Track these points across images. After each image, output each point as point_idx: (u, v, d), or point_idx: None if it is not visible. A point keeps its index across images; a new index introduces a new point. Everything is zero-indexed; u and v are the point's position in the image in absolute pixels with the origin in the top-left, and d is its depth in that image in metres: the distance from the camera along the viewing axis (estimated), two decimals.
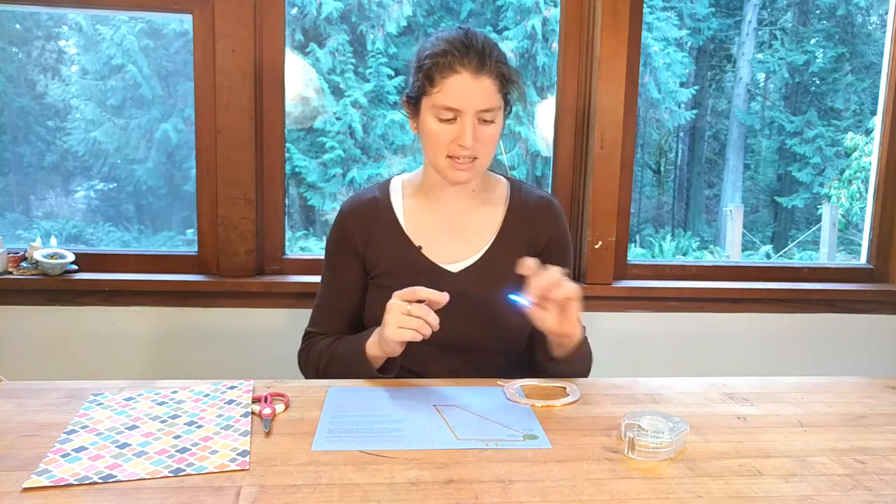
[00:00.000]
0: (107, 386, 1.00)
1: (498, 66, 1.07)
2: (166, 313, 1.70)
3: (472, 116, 1.06)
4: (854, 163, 8.34)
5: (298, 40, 7.25)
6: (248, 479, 0.74)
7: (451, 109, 1.06)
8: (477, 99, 1.05)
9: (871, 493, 0.75)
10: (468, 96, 1.05)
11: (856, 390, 1.08)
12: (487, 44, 1.07)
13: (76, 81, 7.17)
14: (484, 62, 1.05)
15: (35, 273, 1.64)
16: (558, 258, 1.21)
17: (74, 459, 0.77)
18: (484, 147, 1.10)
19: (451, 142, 1.08)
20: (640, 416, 0.86)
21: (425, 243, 1.18)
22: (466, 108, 1.06)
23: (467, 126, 1.06)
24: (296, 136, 7.30)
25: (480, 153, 1.10)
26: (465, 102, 1.05)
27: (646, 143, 9.89)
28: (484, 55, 1.05)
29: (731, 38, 10.00)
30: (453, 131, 1.07)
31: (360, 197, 1.23)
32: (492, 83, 1.06)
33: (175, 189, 7.41)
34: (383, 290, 1.16)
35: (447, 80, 1.05)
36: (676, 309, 1.84)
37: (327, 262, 1.23)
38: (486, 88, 1.06)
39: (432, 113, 1.08)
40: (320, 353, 1.17)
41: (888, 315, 1.91)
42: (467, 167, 1.10)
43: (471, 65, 1.04)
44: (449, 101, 1.06)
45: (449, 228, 1.19)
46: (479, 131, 1.07)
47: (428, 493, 0.72)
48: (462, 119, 1.06)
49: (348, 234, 1.20)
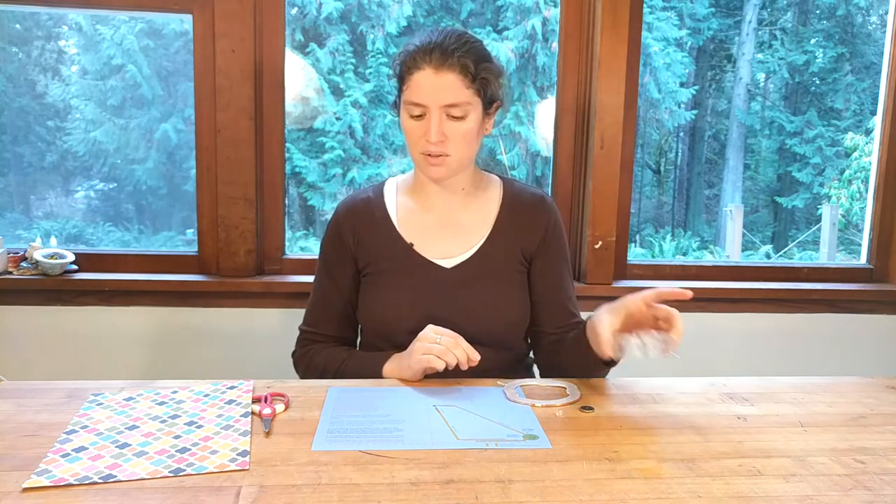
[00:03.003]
0: (107, 386, 1.00)
1: (462, 60, 1.06)
2: (166, 313, 1.70)
3: (437, 111, 1.07)
4: (854, 163, 8.34)
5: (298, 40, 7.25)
6: (248, 479, 0.74)
7: (417, 105, 1.08)
8: (440, 93, 1.06)
9: (871, 493, 0.75)
10: (431, 91, 1.07)
11: (856, 390, 1.08)
12: (455, 40, 1.07)
13: (76, 81, 7.17)
14: (446, 57, 1.06)
15: (35, 273, 1.64)
16: (555, 254, 1.21)
17: (74, 459, 0.77)
18: (455, 144, 1.10)
19: (421, 138, 1.09)
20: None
21: (417, 240, 1.18)
22: (430, 103, 1.07)
23: (433, 121, 1.07)
24: (296, 136, 7.29)
25: (451, 150, 1.10)
26: (429, 97, 1.07)
27: (646, 143, 9.89)
28: (446, 50, 1.06)
29: (731, 38, 10.00)
30: (422, 127, 1.09)
31: (355, 197, 1.24)
32: (455, 77, 1.06)
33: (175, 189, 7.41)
34: (376, 287, 1.17)
35: (412, 77, 1.08)
36: (676, 309, 1.83)
37: (321, 261, 1.24)
38: (449, 83, 1.06)
39: (406, 111, 1.11)
40: (325, 367, 1.18)
41: (888, 315, 1.90)
42: (438, 163, 1.11)
43: (433, 60, 1.06)
44: (414, 97, 1.08)
45: (441, 226, 1.19)
46: (447, 127, 1.08)
47: (428, 493, 0.72)
48: (429, 114, 1.08)
49: (341, 233, 1.21)
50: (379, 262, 1.18)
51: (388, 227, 1.19)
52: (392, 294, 1.16)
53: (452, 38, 1.08)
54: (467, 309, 1.13)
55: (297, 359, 1.25)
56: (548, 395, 1.02)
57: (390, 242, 1.18)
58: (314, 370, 1.19)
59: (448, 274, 1.16)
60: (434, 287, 1.15)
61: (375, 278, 1.18)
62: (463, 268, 1.16)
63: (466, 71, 1.07)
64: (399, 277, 1.16)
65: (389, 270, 1.17)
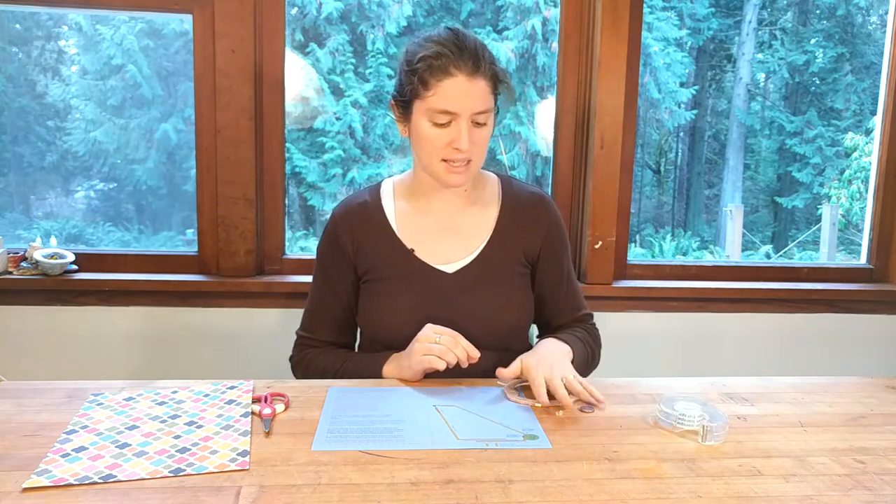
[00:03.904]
0: (107, 386, 1.00)
1: (492, 67, 1.06)
2: (166, 313, 1.70)
3: (467, 119, 1.05)
4: (854, 163, 8.35)
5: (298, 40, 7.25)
6: (248, 479, 0.74)
7: (447, 113, 1.05)
8: (473, 102, 1.05)
9: (871, 493, 0.75)
10: (464, 99, 1.04)
11: (856, 390, 1.08)
12: (479, 45, 1.06)
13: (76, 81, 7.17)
14: (479, 64, 1.04)
15: (35, 273, 1.64)
16: (558, 251, 1.21)
17: (74, 459, 0.77)
18: (478, 149, 1.09)
19: (447, 145, 1.07)
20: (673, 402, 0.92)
21: (418, 245, 1.17)
22: (463, 111, 1.04)
23: (463, 129, 1.05)
24: (296, 136, 7.29)
25: (475, 155, 1.10)
26: (462, 105, 1.04)
27: (646, 143, 9.89)
28: (478, 57, 1.04)
29: (731, 38, 10.00)
30: (448, 135, 1.06)
31: (351, 202, 1.22)
32: (486, 85, 1.06)
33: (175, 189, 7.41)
34: (377, 294, 1.16)
35: (442, 84, 1.03)
36: (676, 309, 1.84)
37: (318, 267, 1.23)
38: (481, 90, 1.05)
39: (426, 116, 1.06)
40: (325, 370, 1.17)
41: (888, 315, 1.91)
42: (462, 170, 1.09)
43: (466, 67, 1.03)
44: (445, 105, 1.04)
45: (442, 230, 1.19)
46: (473, 134, 1.07)
47: (428, 493, 0.72)
48: (457, 122, 1.05)
49: (339, 240, 1.19)
50: (379, 269, 1.17)
51: (387, 233, 1.18)
52: (393, 300, 1.15)
53: (478, 44, 1.06)
54: (469, 314, 1.13)
55: (295, 364, 1.24)
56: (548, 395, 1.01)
57: (390, 248, 1.17)
58: (313, 373, 1.19)
59: (450, 279, 1.15)
60: (436, 292, 1.14)
61: (376, 285, 1.17)
62: (464, 272, 1.16)
63: (496, 78, 1.07)
64: (400, 283, 1.15)
65: (390, 277, 1.16)
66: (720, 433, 0.87)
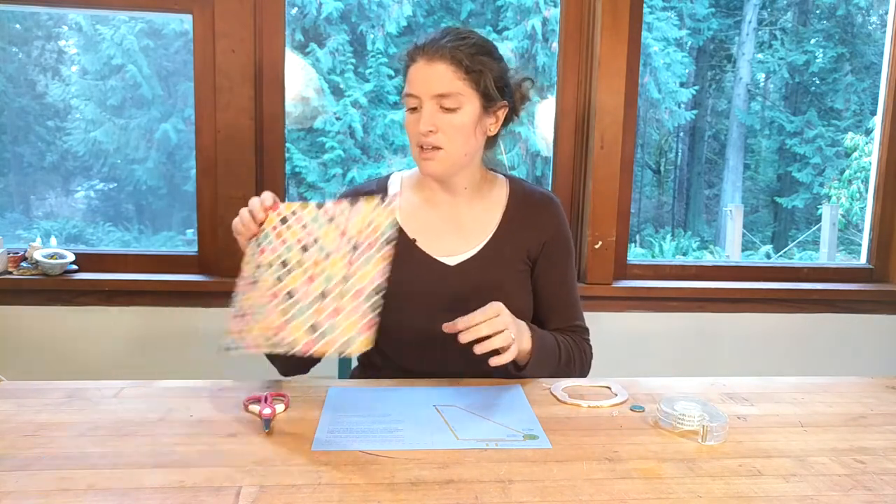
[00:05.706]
0: (107, 386, 1.00)
1: (454, 51, 1.07)
2: (166, 313, 1.70)
3: (429, 102, 1.08)
4: (854, 163, 8.35)
5: (298, 40, 7.25)
6: (248, 479, 0.74)
7: (411, 97, 1.10)
8: (431, 84, 1.07)
9: (871, 493, 0.75)
10: (422, 81, 1.08)
11: (856, 390, 1.08)
12: (453, 35, 1.09)
13: (76, 81, 7.18)
14: (438, 49, 1.07)
15: (35, 273, 1.64)
16: (560, 256, 1.21)
17: None
18: (448, 137, 1.09)
19: (417, 131, 1.10)
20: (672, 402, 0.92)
21: (421, 237, 1.18)
22: (422, 93, 1.08)
23: (424, 111, 1.08)
24: (296, 136, 7.30)
25: (444, 143, 1.10)
26: (420, 87, 1.08)
27: (646, 143, 9.90)
28: (439, 42, 1.08)
29: (731, 38, 10.01)
30: (417, 119, 1.10)
31: (358, 190, 1.23)
32: (446, 67, 1.07)
33: (175, 189, 7.42)
34: None
35: (409, 70, 1.10)
36: (676, 309, 1.84)
37: None
38: (439, 73, 1.07)
39: (405, 105, 1.13)
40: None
41: (888, 315, 1.91)
42: (430, 157, 1.10)
43: (427, 52, 1.08)
44: (408, 88, 1.10)
45: (445, 223, 1.19)
46: (439, 119, 1.08)
47: (428, 493, 0.72)
48: (422, 106, 1.09)
49: None
50: None
51: None
52: (393, 289, 1.16)
53: (451, 34, 1.09)
54: (471, 307, 1.13)
55: None
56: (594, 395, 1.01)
57: None
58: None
59: (451, 271, 1.16)
60: (436, 283, 1.15)
61: None
62: (466, 265, 1.16)
63: (458, 61, 1.07)
64: (401, 273, 1.16)
65: (391, 266, 1.17)
66: (720, 433, 0.87)
